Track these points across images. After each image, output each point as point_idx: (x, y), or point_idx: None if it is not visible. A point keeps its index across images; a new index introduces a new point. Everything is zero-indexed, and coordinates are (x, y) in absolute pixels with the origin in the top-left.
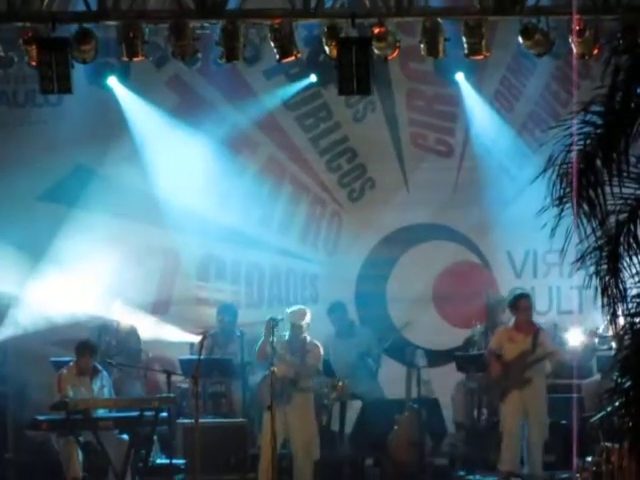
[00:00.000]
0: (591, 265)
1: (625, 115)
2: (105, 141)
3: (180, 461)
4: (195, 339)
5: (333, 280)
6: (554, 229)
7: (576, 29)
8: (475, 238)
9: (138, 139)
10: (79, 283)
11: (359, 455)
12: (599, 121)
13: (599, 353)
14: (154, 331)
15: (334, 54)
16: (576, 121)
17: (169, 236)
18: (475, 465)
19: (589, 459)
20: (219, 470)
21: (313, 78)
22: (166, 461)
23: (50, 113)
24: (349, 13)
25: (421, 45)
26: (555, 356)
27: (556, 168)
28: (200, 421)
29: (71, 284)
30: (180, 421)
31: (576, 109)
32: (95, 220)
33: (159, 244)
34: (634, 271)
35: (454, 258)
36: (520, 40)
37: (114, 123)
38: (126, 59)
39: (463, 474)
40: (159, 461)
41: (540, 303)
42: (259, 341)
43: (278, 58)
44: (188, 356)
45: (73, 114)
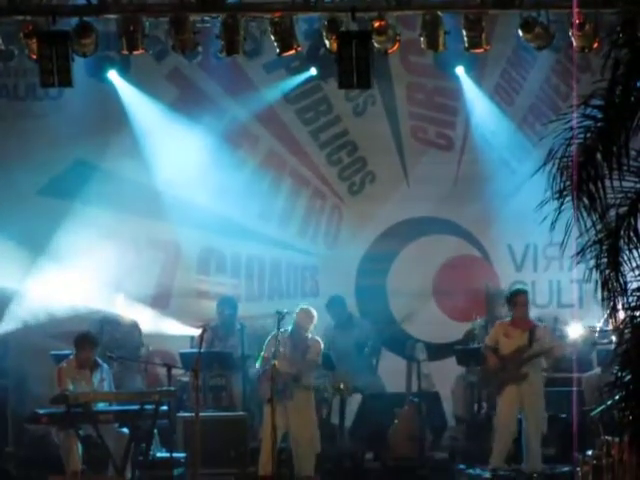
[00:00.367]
0: (591, 259)
1: (625, 108)
2: (105, 134)
3: (180, 454)
4: (195, 332)
5: (333, 273)
6: (554, 223)
7: (576, 22)
8: (476, 232)
9: (138, 132)
10: (79, 276)
11: (359, 449)
12: (599, 114)
13: (599, 347)
14: (154, 324)
15: (334, 48)
16: (576, 114)
17: (169, 229)
18: (475, 459)
19: (589, 453)
20: (219, 463)
21: (313, 71)
22: (166, 454)
23: (50, 106)
24: (349, 7)
25: (421, 38)
26: (554, 352)
27: (556, 161)
28: (200, 414)
29: (71, 277)
30: (180, 414)
31: (576, 102)
32: (95, 213)
33: (159, 237)
34: (634, 264)
35: (454, 252)
36: (520, 33)
37: (114, 116)
38: (126, 52)
39: (463, 468)
40: (159, 454)
41: (540, 296)
42: (261, 364)
43: (278, 52)
44: (188, 349)
45: (73, 107)
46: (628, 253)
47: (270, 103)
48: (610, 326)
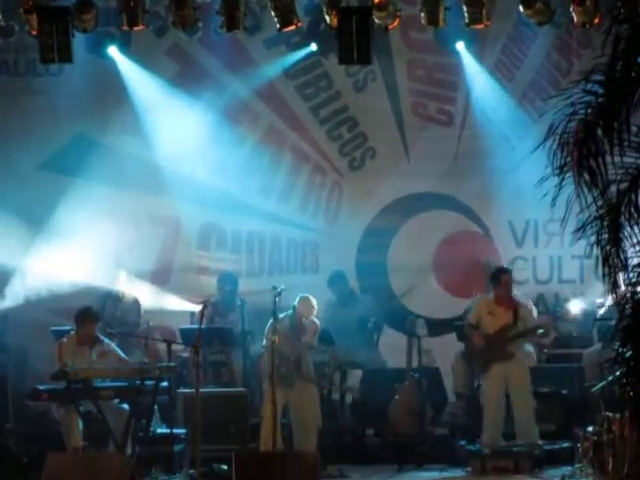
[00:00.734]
0: (592, 234)
1: (626, 84)
2: (105, 110)
3: (180, 430)
4: (196, 308)
5: (333, 249)
6: (555, 198)
7: None
8: (476, 207)
9: (139, 108)
10: (80, 252)
11: (359, 424)
12: (600, 90)
13: (600, 322)
14: (155, 300)
15: (334, 23)
16: (577, 90)
17: (170, 205)
18: (475, 435)
19: (590, 429)
20: (220, 440)
21: (313, 47)
22: (166, 430)
23: (51, 82)
24: None
25: (421, 14)
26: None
27: (557, 137)
28: (201, 390)
29: (72, 253)
30: (181, 390)
31: (577, 78)
32: (96, 189)
33: (160, 213)
34: (635, 240)
35: (455, 227)
36: (521, 9)
37: (114, 92)
38: (126, 28)
39: (464, 443)
40: (159, 430)
41: (541, 272)
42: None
43: (278, 27)
44: (189, 325)
45: (74, 83)
46: (629, 229)
47: (270, 79)
48: (610, 301)
